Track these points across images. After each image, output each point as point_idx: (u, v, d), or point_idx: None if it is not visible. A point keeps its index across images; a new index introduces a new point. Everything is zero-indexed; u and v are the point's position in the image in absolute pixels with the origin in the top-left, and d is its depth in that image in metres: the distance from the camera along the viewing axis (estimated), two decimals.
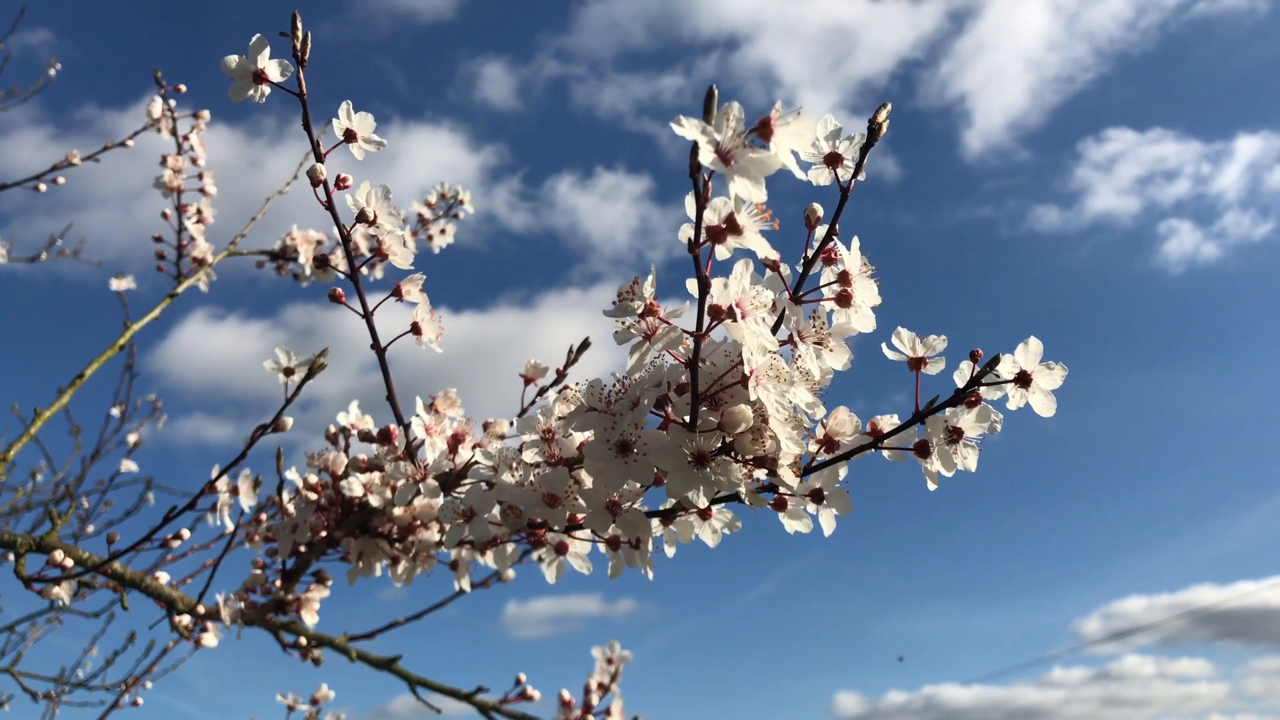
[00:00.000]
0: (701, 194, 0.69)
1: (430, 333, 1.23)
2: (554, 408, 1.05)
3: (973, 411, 0.93)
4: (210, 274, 2.37)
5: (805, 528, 0.98)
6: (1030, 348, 0.91)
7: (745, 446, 0.87)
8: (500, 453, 1.08)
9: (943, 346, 0.93)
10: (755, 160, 0.67)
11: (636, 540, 1.05)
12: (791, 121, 0.68)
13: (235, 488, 1.54)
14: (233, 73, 1.14)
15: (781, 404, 0.82)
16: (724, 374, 0.85)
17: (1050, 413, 0.91)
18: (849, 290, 0.90)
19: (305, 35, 1.15)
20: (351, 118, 1.16)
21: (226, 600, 1.58)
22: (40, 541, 1.54)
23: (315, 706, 1.70)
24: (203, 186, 2.45)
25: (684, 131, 0.65)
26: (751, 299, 0.79)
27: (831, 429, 0.93)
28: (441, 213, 2.71)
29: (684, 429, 0.87)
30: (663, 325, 0.85)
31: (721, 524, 1.03)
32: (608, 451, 0.90)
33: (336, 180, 1.19)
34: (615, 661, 1.76)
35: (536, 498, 1.00)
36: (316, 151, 1.17)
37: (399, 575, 1.41)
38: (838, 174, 0.89)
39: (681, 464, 0.86)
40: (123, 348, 2.08)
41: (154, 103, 2.47)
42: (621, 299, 0.84)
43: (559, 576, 1.15)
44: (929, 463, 0.93)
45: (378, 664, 1.67)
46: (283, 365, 1.38)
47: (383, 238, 1.20)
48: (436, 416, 1.27)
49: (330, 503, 1.43)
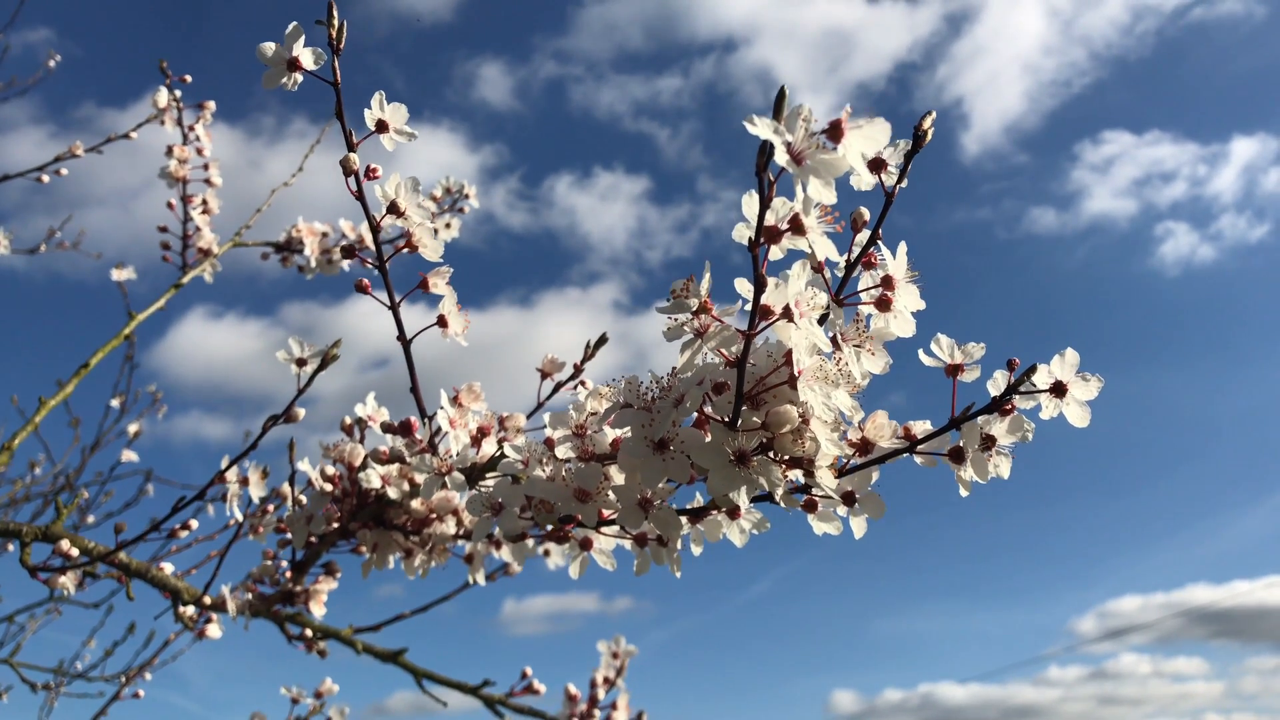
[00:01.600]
0: (767, 194, 0.70)
1: (457, 325, 1.23)
2: (585, 404, 1.05)
3: (1006, 420, 0.94)
4: (215, 264, 2.36)
5: (835, 530, 0.99)
6: (1067, 359, 0.92)
7: (786, 447, 0.87)
8: (529, 446, 1.08)
9: (980, 354, 0.94)
10: (826, 161, 0.67)
11: (665, 538, 1.05)
12: (864, 124, 0.69)
13: (245, 479, 1.53)
14: (268, 60, 1.14)
15: (827, 405, 0.83)
16: (768, 374, 0.86)
17: (1084, 423, 0.92)
18: (890, 295, 0.90)
19: (341, 24, 1.15)
20: (384, 108, 1.16)
21: (233, 591, 1.58)
22: (46, 530, 1.53)
23: (319, 700, 1.70)
24: (208, 177, 2.44)
25: (758, 130, 0.65)
26: (808, 300, 0.79)
27: (869, 432, 0.94)
28: (446, 207, 2.71)
29: (726, 427, 0.87)
30: (715, 323, 0.85)
31: (750, 524, 1.04)
32: (646, 448, 0.91)
33: (367, 170, 1.19)
34: (621, 656, 1.76)
35: (568, 493, 1.00)
36: (349, 141, 1.16)
37: (413, 568, 1.41)
38: (882, 179, 0.89)
39: (723, 463, 0.86)
40: (127, 338, 2.07)
41: (159, 93, 2.45)
42: (676, 296, 0.84)
43: (584, 571, 1.15)
44: (963, 469, 0.94)
45: (384, 656, 1.67)
46: (295, 356, 1.38)
47: (412, 230, 1.20)
48: (460, 410, 1.27)
49: (345, 494, 1.42)
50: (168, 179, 2.40)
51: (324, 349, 1.40)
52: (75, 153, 2.65)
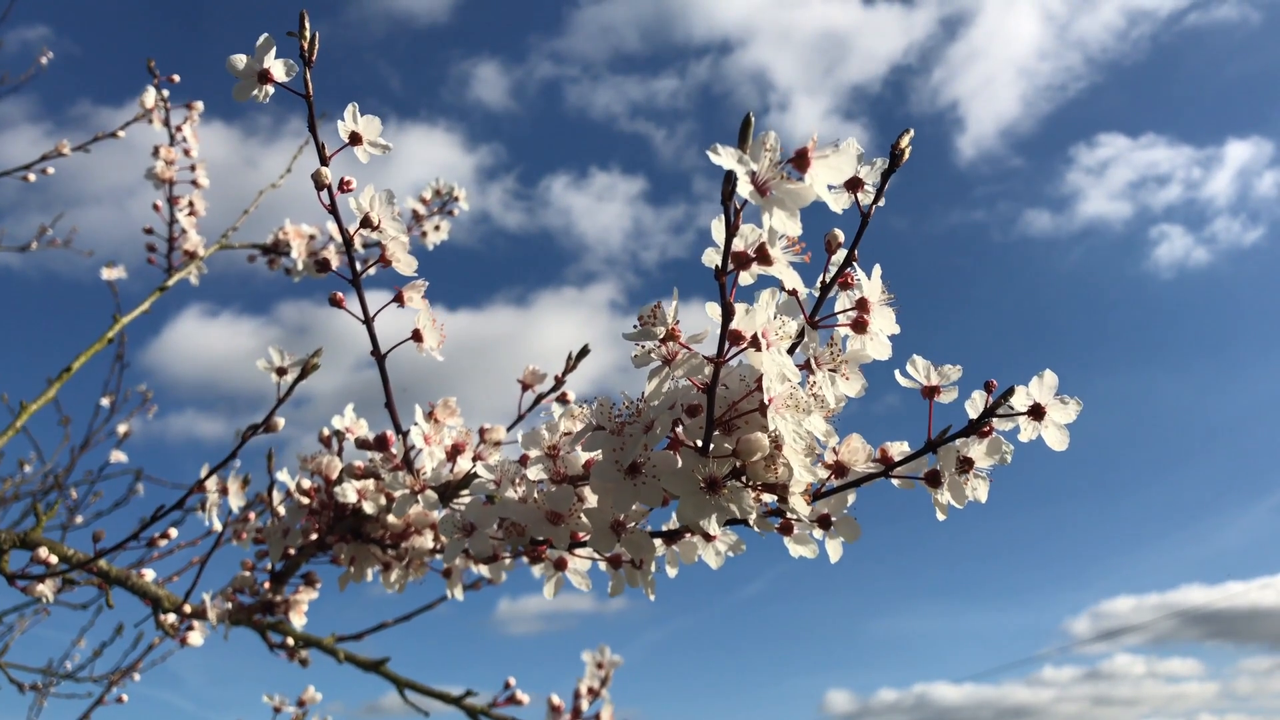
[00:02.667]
0: (733, 222, 0.68)
1: (432, 340, 1.21)
2: (559, 423, 1.03)
3: (984, 442, 0.92)
4: (201, 267, 2.34)
5: (811, 553, 0.97)
6: (1045, 380, 0.90)
7: (758, 473, 0.86)
8: (502, 466, 1.06)
9: (957, 376, 0.93)
10: (791, 192, 0.65)
11: (639, 560, 1.04)
12: (830, 154, 0.67)
13: (225, 487, 1.52)
14: (238, 73, 1.12)
15: (799, 433, 0.81)
16: (739, 399, 0.84)
17: (1063, 447, 0.91)
18: (866, 317, 0.89)
19: (313, 36, 1.13)
20: (358, 120, 1.14)
21: (213, 600, 1.56)
22: (25, 537, 1.51)
23: (302, 709, 1.68)
24: (195, 178, 2.42)
25: (721, 161, 0.63)
26: (776, 329, 0.77)
27: (844, 456, 0.92)
28: (436, 209, 2.69)
29: (696, 453, 0.86)
30: (683, 351, 0.84)
31: (726, 546, 1.02)
32: (616, 473, 0.89)
33: (340, 183, 1.17)
34: (605, 666, 1.75)
35: (540, 515, 0.99)
36: (321, 155, 1.14)
37: (391, 582, 1.39)
38: (858, 199, 0.88)
39: (694, 489, 0.85)
40: (111, 341, 2.05)
41: (147, 93, 2.43)
42: (643, 323, 0.82)
43: (557, 591, 1.14)
44: (939, 493, 0.92)
45: (366, 665, 1.65)
46: (275, 365, 1.36)
47: (385, 243, 1.18)
48: (435, 425, 1.25)
49: (323, 506, 1.41)
50: (154, 180, 2.38)
51: (304, 358, 1.38)
52: (62, 151, 2.63)
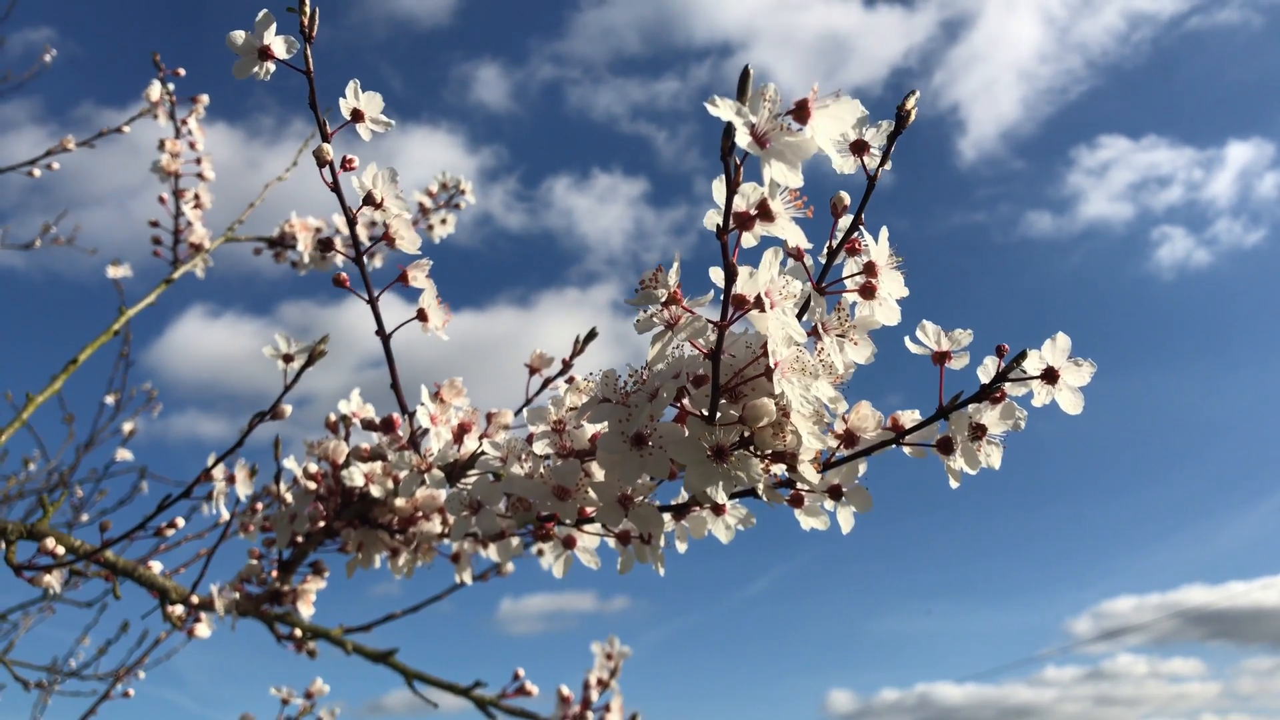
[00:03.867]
0: (733, 178, 0.66)
1: (436, 319, 1.20)
2: (565, 399, 1.02)
3: (997, 408, 0.90)
4: (207, 260, 2.34)
5: (822, 525, 0.95)
6: (1058, 343, 0.88)
7: (765, 441, 0.84)
8: (509, 443, 1.05)
9: (968, 341, 0.91)
10: (792, 144, 0.64)
11: (648, 535, 1.02)
12: (830, 104, 0.66)
13: (231, 476, 1.51)
14: (238, 49, 1.11)
15: (806, 398, 0.79)
16: (745, 366, 0.83)
17: (1077, 410, 0.89)
18: (874, 282, 0.87)
19: (313, 11, 1.12)
20: (359, 97, 1.13)
21: (221, 590, 1.55)
22: (32, 528, 1.51)
23: (310, 701, 1.67)
24: (201, 172, 2.41)
25: (718, 112, 0.62)
26: (780, 289, 0.76)
27: (853, 424, 0.90)
28: (442, 202, 2.67)
29: (703, 422, 0.84)
30: (686, 314, 0.82)
31: (736, 519, 1.01)
32: (623, 444, 0.88)
33: (343, 161, 1.16)
34: (615, 657, 1.74)
35: (547, 490, 0.98)
36: (323, 130, 1.13)
37: (399, 567, 1.38)
38: (864, 162, 0.86)
39: (700, 458, 0.83)
40: (117, 333, 2.05)
41: (152, 86, 2.43)
42: (644, 287, 0.81)
43: (566, 571, 1.12)
44: (952, 460, 0.90)
45: (375, 657, 1.64)
46: (282, 351, 1.35)
47: (390, 221, 1.17)
48: (442, 405, 1.24)
49: (330, 492, 1.40)
50: (160, 173, 2.38)
51: (311, 345, 1.37)
52: (67, 146, 2.63)
